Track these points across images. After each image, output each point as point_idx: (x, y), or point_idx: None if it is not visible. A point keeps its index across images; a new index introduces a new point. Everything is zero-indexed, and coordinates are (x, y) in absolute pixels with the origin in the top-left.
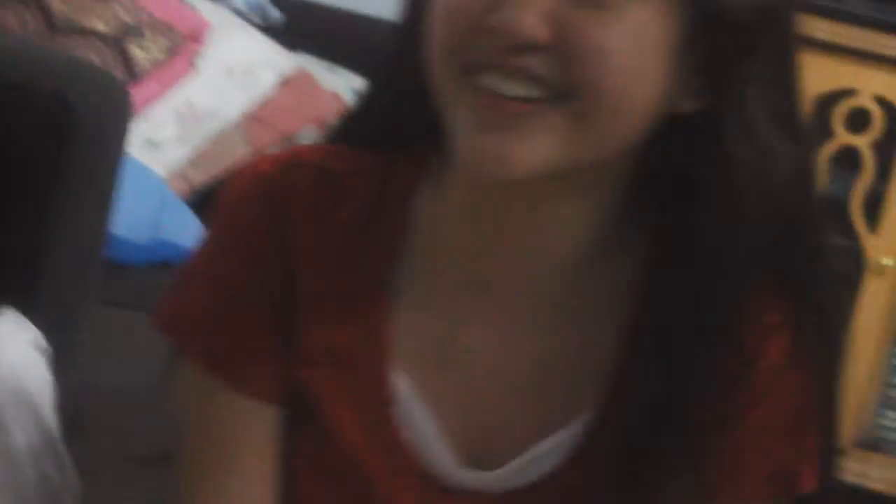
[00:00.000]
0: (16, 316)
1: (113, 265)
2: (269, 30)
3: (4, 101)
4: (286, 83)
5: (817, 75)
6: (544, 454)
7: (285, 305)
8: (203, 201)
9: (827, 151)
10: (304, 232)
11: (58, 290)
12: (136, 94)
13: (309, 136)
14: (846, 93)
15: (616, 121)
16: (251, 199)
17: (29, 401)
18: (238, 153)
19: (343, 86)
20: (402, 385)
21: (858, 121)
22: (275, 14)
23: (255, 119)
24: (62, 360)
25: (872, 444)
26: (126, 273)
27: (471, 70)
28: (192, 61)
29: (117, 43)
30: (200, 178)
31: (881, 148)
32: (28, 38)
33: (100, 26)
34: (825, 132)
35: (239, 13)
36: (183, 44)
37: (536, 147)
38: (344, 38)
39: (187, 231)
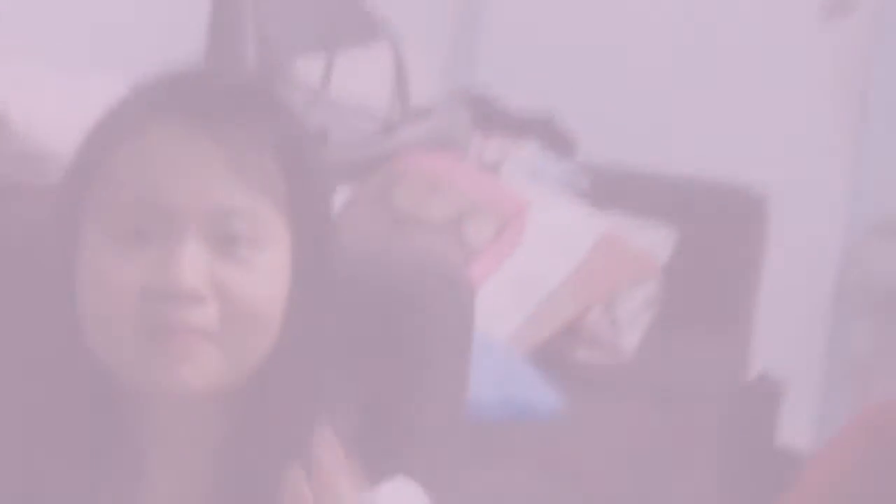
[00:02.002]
0: (406, 482)
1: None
2: (580, 195)
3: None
4: (600, 244)
5: None
6: None
7: None
8: (538, 360)
9: None
10: None
11: (431, 455)
12: (474, 270)
13: (628, 294)
14: None
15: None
16: None
17: None
18: (566, 313)
19: (656, 240)
20: None
21: None
22: (583, 181)
23: (577, 281)
24: None
25: None
26: (477, 431)
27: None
28: (518, 235)
29: (453, 227)
30: (535, 339)
31: None
32: (375, 234)
33: (437, 214)
34: None
35: (553, 185)
36: (509, 220)
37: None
38: (649, 195)
39: (533, 389)
